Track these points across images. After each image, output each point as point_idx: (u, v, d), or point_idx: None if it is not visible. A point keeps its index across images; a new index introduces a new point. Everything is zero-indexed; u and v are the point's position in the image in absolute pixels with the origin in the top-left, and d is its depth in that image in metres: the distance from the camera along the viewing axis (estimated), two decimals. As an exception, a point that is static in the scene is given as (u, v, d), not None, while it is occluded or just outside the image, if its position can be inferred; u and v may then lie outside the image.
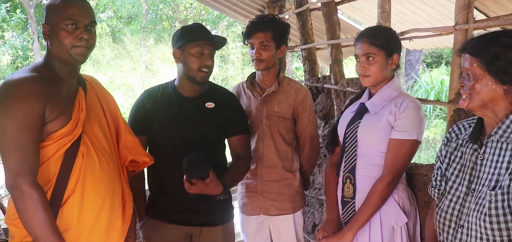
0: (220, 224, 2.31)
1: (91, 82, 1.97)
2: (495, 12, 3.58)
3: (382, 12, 2.61)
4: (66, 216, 1.73)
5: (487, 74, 1.44)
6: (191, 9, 15.59)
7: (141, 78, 12.87)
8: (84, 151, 1.76)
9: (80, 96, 1.80)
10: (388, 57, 2.06)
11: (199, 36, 2.18)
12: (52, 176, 1.71)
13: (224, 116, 2.28)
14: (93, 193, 1.78)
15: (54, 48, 1.75)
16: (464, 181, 1.56)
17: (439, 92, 10.90)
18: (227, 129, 2.31)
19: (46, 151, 1.69)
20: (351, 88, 2.96)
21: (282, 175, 2.56)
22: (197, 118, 2.24)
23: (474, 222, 1.48)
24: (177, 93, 2.28)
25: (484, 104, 1.48)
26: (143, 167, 2.14)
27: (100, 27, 15.70)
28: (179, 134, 2.22)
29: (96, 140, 1.83)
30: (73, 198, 1.73)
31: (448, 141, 1.70)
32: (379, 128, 2.05)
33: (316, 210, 3.52)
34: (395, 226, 2.06)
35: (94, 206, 1.78)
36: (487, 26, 2.12)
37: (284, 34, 2.53)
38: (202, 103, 2.26)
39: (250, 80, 2.64)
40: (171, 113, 2.25)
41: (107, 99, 2.01)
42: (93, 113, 1.86)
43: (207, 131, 2.25)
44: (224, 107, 2.29)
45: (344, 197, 2.17)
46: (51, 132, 1.69)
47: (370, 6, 4.34)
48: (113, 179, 1.87)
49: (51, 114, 1.67)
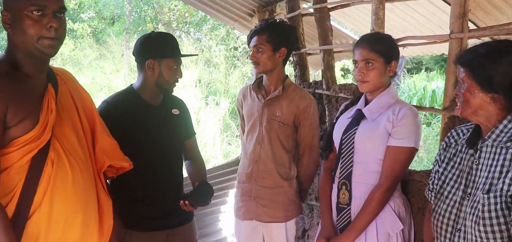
0: (190, 220, 2.38)
1: (63, 77, 1.72)
2: (484, 22, 3.66)
3: (376, 19, 2.62)
4: (30, 232, 1.50)
5: (474, 83, 1.50)
6: (175, 11, 15.51)
7: (124, 80, 12.72)
8: (53, 158, 1.54)
9: (49, 95, 1.57)
10: (387, 64, 2.07)
11: (177, 52, 2.24)
12: (14, 187, 1.48)
13: (184, 121, 2.39)
14: (64, 206, 1.56)
15: (17, 39, 1.50)
16: (461, 186, 1.60)
17: (421, 98, 11.06)
18: (186, 133, 2.41)
19: (7, 158, 1.47)
20: (343, 94, 2.97)
21: (276, 182, 2.54)
22: (167, 125, 2.27)
23: (470, 225, 1.52)
24: (142, 101, 2.23)
25: (475, 111, 1.53)
26: (120, 172, 1.94)
27: (81, 28, 15.52)
28: (154, 142, 2.21)
29: (68, 145, 1.61)
30: (40, 212, 1.51)
31: (447, 145, 1.73)
32: (377, 135, 2.05)
33: (306, 216, 3.52)
34: (391, 233, 2.06)
35: (63, 221, 1.56)
36: (482, 35, 2.16)
37: (283, 37, 2.50)
38: (168, 110, 2.31)
39: (257, 83, 2.64)
40: (140, 122, 2.20)
41: (82, 96, 1.78)
42: (65, 114, 1.64)
43: (177, 137, 2.34)
44: (183, 112, 2.39)
45: (340, 203, 2.16)
46: (15, 138, 1.46)
47: (360, 13, 4.38)
48: (87, 189, 1.65)
49: (14, 118, 1.45)
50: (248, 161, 2.58)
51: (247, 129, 2.62)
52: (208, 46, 14.73)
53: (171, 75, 2.21)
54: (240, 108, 2.74)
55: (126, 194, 2.21)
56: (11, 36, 1.53)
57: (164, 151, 2.24)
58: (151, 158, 2.19)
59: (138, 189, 2.21)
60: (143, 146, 2.18)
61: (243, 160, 2.66)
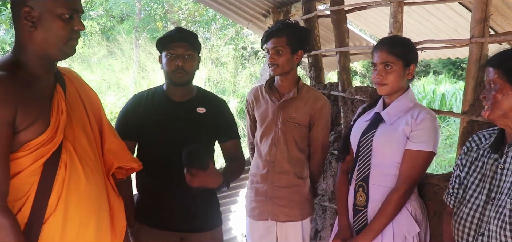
0: (209, 229, 2.28)
1: (70, 77, 1.66)
2: (502, 26, 3.64)
3: (395, 22, 2.63)
4: (46, 237, 1.46)
5: (508, 84, 1.50)
6: (184, 10, 15.57)
7: (134, 78, 12.76)
8: (66, 161, 1.49)
9: (59, 95, 1.52)
10: (406, 67, 2.07)
11: (169, 39, 2.18)
12: (27, 191, 1.43)
13: (215, 122, 2.27)
14: (78, 209, 1.51)
15: (39, 39, 1.45)
16: (484, 190, 1.60)
17: (430, 101, 11.02)
18: (219, 135, 2.31)
19: (19, 163, 1.40)
20: (359, 96, 2.97)
21: (293, 182, 2.55)
22: (187, 123, 2.21)
23: (495, 230, 1.51)
24: (166, 97, 2.25)
25: (505, 113, 1.53)
26: (129, 173, 1.91)
27: (90, 25, 15.56)
28: (169, 139, 2.18)
29: (80, 147, 1.56)
30: (55, 216, 1.46)
31: (469, 150, 1.73)
32: (395, 138, 2.06)
33: (319, 217, 3.52)
34: (407, 236, 2.06)
35: (78, 225, 1.52)
36: (503, 40, 2.16)
37: (301, 39, 2.51)
38: (193, 108, 2.24)
39: (268, 84, 2.63)
40: (160, 117, 2.21)
41: (90, 96, 1.73)
42: (74, 115, 1.58)
43: (197, 136, 2.21)
44: (215, 113, 2.28)
45: (356, 205, 2.17)
46: (26, 142, 1.40)
47: (377, 16, 4.38)
48: (99, 191, 1.61)
49: (24, 121, 1.38)
50: (263, 162, 2.58)
51: (261, 131, 2.61)
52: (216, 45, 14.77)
53: (168, 64, 2.17)
54: (250, 109, 2.72)
55: (141, 186, 2.28)
56: (30, 34, 1.45)
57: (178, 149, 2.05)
58: (163, 154, 2.16)
59: (149, 183, 2.23)
60: (156, 141, 2.20)
61: (256, 161, 2.65)
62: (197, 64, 2.25)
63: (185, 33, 2.22)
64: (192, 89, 2.29)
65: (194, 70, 2.21)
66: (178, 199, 2.16)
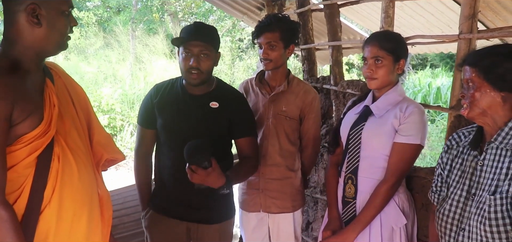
0: (217, 222, 2.31)
1: (57, 71, 1.68)
2: (493, 22, 3.66)
3: (386, 17, 2.65)
4: (41, 227, 1.50)
5: (485, 82, 1.52)
6: (181, 2, 15.53)
7: (130, 70, 12.75)
8: (59, 154, 1.52)
9: (50, 90, 1.54)
10: (396, 62, 2.10)
11: (186, 36, 2.14)
12: (23, 183, 1.47)
13: (228, 117, 2.25)
14: (72, 201, 1.55)
15: (42, 35, 1.47)
16: (464, 186, 1.63)
17: (426, 95, 11.05)
18: (233, 131, 2.28)
19: (14, 156, 1.44)
20: (351, 90, 3.00)
21: (284, 174, 2.59)
22: (199, 117, 2.22)
23: (475, 225, 1.54)
24: (183, 90, 2.27)
25: (484, 111, 1.55)
26: (113, 164, 1.92)
27: (86, 16, 15.51)
28: (181, 131, 2.21)
29: (71, 140, 1.59)
30: (50, 208, 1.50)
31: (449, 148, 1.76)
32: (384, 131, 2.09)
33: (310, 208, 3.56)
34: (395, 227, 2.10)
35: (72, 215, 1.56)
36: (491, 36, 2.18)
37: (293, 34, 2.53)
38: (206, 102, 2.23)
39: (259, 78, 2.65)
40: (175, 109, 2.25)
41: (76, 91, 1.76)
42: (63, 109, 1.60)
43: (208, 131, 2.21)
44: (229, 107, 2.25)
45: (345, 197, 2.21)
46: (21, 135, 1.43)
47: (370, 9, 4.39)
48: (91, 183, 1.66)
49: (20, 116, 1.41)
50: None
51: None
52: (213, 37, 14.70)
53: (182, 63, 2.15)
54: None
55: (156, 173, 2.35)
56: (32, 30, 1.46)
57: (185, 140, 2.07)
58: (176, 145, 2.17)
59: (162, 172, 2.30)
60: (170, 132, 2.25)
61: None
62: (215, 61, 2.22)
63: (202, 30, 2.16)
64: (211, 83, 2.28)
65: (210, 69, 2.18)
66: (185, 190, 2.14)
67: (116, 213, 4.32)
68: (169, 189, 2.27)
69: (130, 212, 4.50)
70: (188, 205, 2.24)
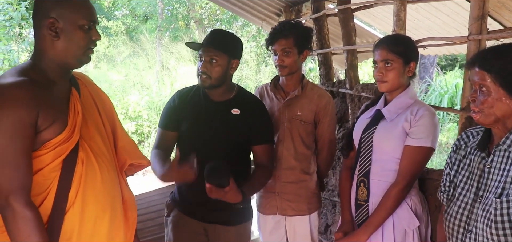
0: (234, 224, 2.36)
1: (84, 81, 1.80)
2: (510, 20, 3.60)
3: (398, 20, 2.66)
4: (65, 228, 1.59)
5: (501, 90, 1.46)
6: (206, 9, 15.69)
7: (157, 77, 12.96)
8: (83, 158, 1.62)
9: (74, 98, 1.65)
10: (406, 64, 2.11)
11: (200, 44, 2.25)
12: (49, 186, 1.56)
13: (249, 124, 2.30)
14: (94, 204, 1.64)
15: (61, 48, 1.57)
16: (472, 188, 1.61)
17: (453, 96, 10.81)
18: (252, 137, 2.33)
19: (40, 160, 1.53)
20: (365, 93, 3.01)
21: (299, 177, 2.62)
22: (220, 123, 2.28)
23: (482, 228, 1.52)
24: (205, 96, 2.34)
25: (497, 118, 1.50)
26: (139, 169, 2.01)
27: (115, 25, 15.85)
28: (202, 137, 2.28)
29: (95, 145, 1.69)
30: (73, 209, 1.59)
31: (458, 148, 1.74)
32: (395, 134, 2.11)
33: (329, 211, 3.58)
34: (408, 230, 2.11)
35: (94, 218, 1.64)
36: (500, 37, 2.16)
37: (307, 40, 2.56)
38: (228, 109, 2.30)
39: (274, 83, 2.69)
40: (196, 114, 2.31)
41: (102, 99, 1.87)
42: (89, 116, 1.71)
43: (229, 137, 2.28)
44: (249, 115, 2.31)
45: (358, 200, 2.23)
46: (46, 141, 1.53)
47: (385, 13, 4.38)
48: (114, 186, 1.74)
49: (44, 122, 1.51)
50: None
51: None
52: (239, 43, 14.76)
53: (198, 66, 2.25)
54: None
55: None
56: (52, 43, 1.57)
57: (210, 147, 2.21)
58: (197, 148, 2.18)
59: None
60: (191, 136, 2.31)
61: None
62: (229, 67, 2.28)
63: (215, 37, 2.25)
64: (232, 90, 2.36)
65: (219, 75, 2.24)
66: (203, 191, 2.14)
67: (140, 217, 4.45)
68: (190, 191, 2.34)
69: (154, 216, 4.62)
70: (206, 206, 2.29)
